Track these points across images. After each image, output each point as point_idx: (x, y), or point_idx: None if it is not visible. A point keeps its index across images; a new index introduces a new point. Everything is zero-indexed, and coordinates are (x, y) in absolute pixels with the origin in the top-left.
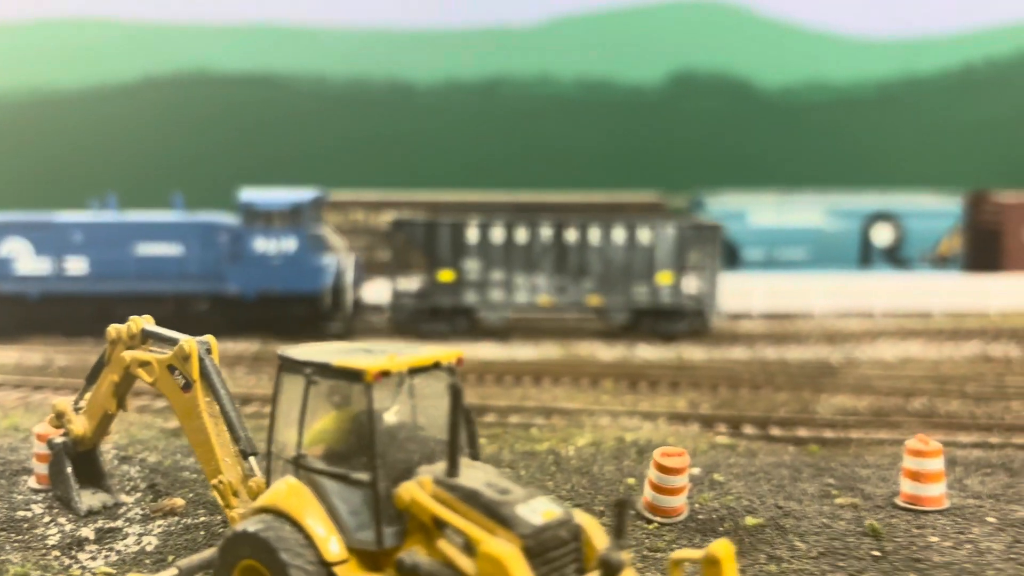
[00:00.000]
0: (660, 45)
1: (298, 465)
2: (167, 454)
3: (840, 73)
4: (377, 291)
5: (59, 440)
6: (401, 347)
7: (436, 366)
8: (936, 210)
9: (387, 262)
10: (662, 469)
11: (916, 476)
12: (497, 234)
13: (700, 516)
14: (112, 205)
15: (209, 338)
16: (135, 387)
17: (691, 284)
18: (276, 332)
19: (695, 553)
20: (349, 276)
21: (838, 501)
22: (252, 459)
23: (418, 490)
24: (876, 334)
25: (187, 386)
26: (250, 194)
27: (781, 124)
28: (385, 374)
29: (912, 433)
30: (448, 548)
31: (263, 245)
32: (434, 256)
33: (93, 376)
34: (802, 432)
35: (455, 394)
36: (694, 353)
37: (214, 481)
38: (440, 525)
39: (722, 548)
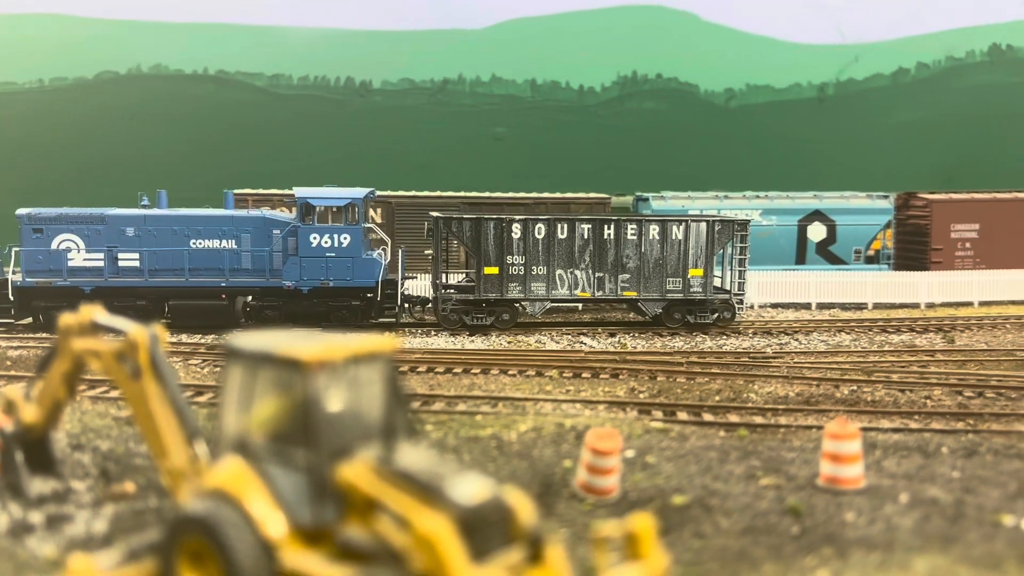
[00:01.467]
0: (608, 49)
1: (242, 449)
2: (119, 441)
3: (780, 77)
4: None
5: (9, 429)
6: (343, 337)
7: (373, 354)
8: (868, 209)
9: (429, 257)
10: (595, 451)
11: (835, 458)
12: (539, 230)
13: (632, 496)
14: (163, 201)
15: (158, 328)
16: (93, 378)
17: (719, 278)
18: (329, 325)
19: (617, 528)
20: (398, 270)
21: (762, 482)
22: (200, 444)
23: (356, 471)
24: (811, 327)
25: (136, 374)
26: (306, 191)
27: (723, 126)
28: (323, 363)
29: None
30: (383, 525)
31: (318, 240)
32: (479, 251)
33: (44, 365)
34: (733, 418)
35: (390, 380)
36: (637, 343)
37: (162, 466)
38: (376, 504)
39: (641, 522)
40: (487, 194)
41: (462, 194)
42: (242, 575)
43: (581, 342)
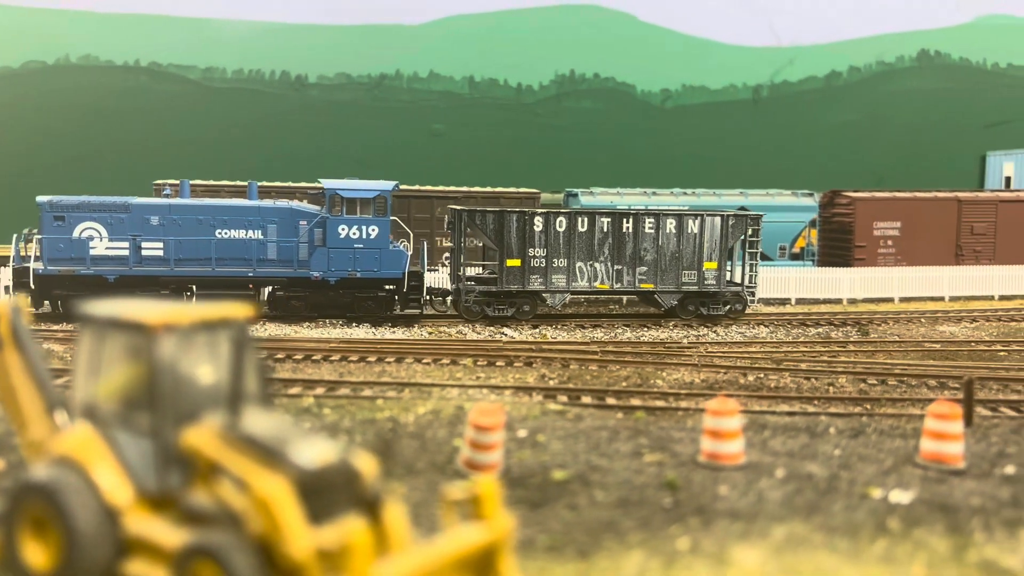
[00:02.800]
0: (546, 48)
1: (91, 415)
2: None
3: (715, 79)
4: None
5: None
6: (203, 304)
7: (224, 321)
8: (793, 207)
9: (450, 249)
10: (478, 427)
11: (715, 434)
12: (560, 224)
13: (515, 472)
14: (185, 191)
15: (19, 298)
16: None
17: (733, 271)
18: (356, 315)
19: (463, 491)
20: (423, 261)
21: (646, 459)
22: (61, 415)
23: (201, 436)
24: (730, 320)
25: None
26: (334, 182)
27: (660, 126)
28: (168, 327)
29: (739, 402)
30: (225, 489)
31: (346, 232)
32: (502, 244)
33: None
34: (635, 401)
35: (241, 347)
36: (557, 334)
37: (23, 438)
38: (219, 468)
39: (485, 485)
40: (416, 187)
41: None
42: (82, 541)
43: (541, 333)
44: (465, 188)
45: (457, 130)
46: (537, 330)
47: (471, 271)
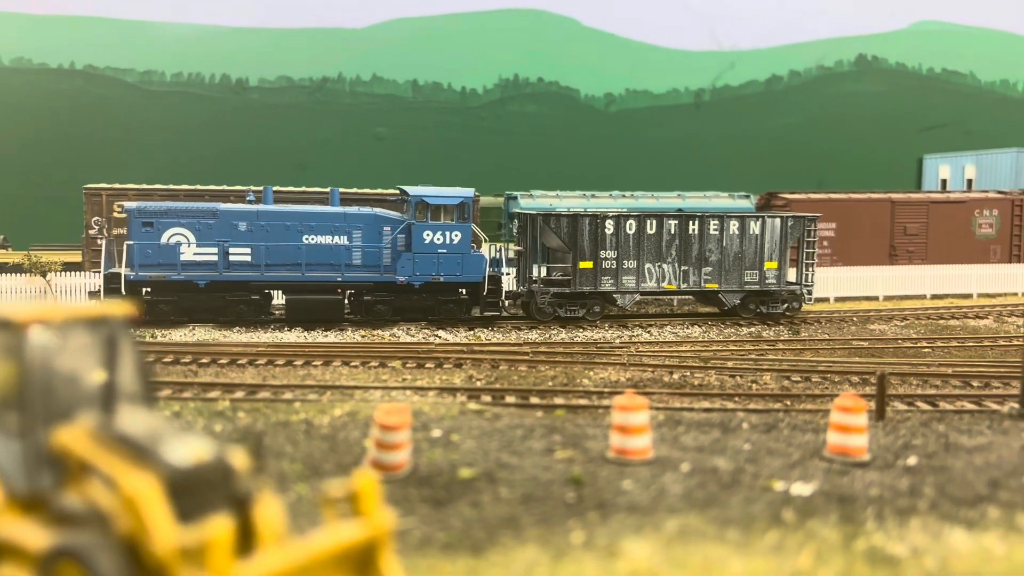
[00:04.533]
0: (490, 51)
1: None
2: None
3: (658, 83)
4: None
5: None
6: (71, 302)
7: (101, 319)
8: (730, 209)
9: (519, 251)
10: (383, 426)
11: (623, 429)
12: (631, 226)
13: (422, 471)
14: (269, 197)
15: None
16: None
17: (790, 270)
18: (438, 318)
19: (342, 488)
20: (501, 265)
21: (557, 456)
22: None
23: (73, 435)
24: (664, 321)
25: None
26: (419, 190)
27: (604, 130)
28: (38, 323)
29: (660, 400)
30: (95, 489)
31: (431, 237)
32: (575, 247)
33: None
34: (558, 400)
35: (118, 345)
36: (492, 336)
37: None
38: (89, 467)
39: (364, 481)
40: (354, 190)
41: (329, 189)
42: None
43: (475, 335)
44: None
45: (401, 133)
46: (472, 332)
47: (540, 273)
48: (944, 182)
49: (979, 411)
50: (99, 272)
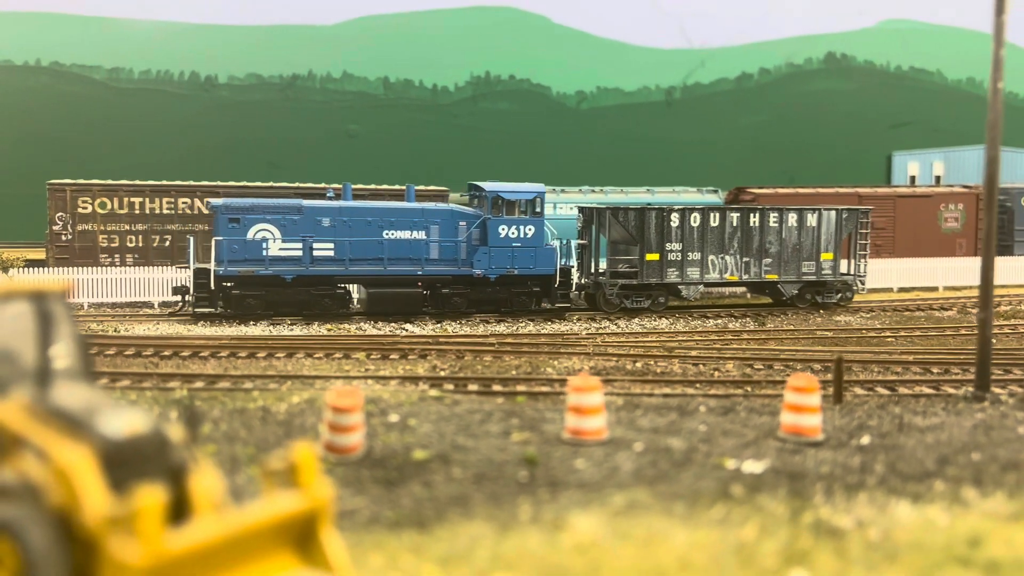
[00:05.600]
0: (461, 49)
1: None
2: None
3: (629, 80)
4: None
5: None
6: (13, 278)
7: (35, 294)
8: (698, 204)
9: (583, 244)
10: (336, 408)
11: (578, 410)
12: (695, 219)
13: (376, 454)
14: (348, 193)
15: None
16: None
17: (845, 261)
18: (511, 309)
19: (279, 462)
20: (572, 258)
21: (514, 438)
22: None
23: (6, 409)
24: (632, 314)
25: None
26: (495, 186)
27: (575, 127)
28: None
29: (622, 387)
30: (27, 462)
31: (506, 231)
32: (643, 239)
33: None
34: (520, 388)
35: (47, 318)
36: (458, 328)
37: None
38: (22, 440)
39: (302, 453)
40: (321, 185)
41: (296, 185)
42: None
43: (442, 327)
44: (373, 186)
45: (373, 131)
46: (440, 325)
47: (602, 266)
48: (913, 178)
49: (937, 395)
50: (186, 267)
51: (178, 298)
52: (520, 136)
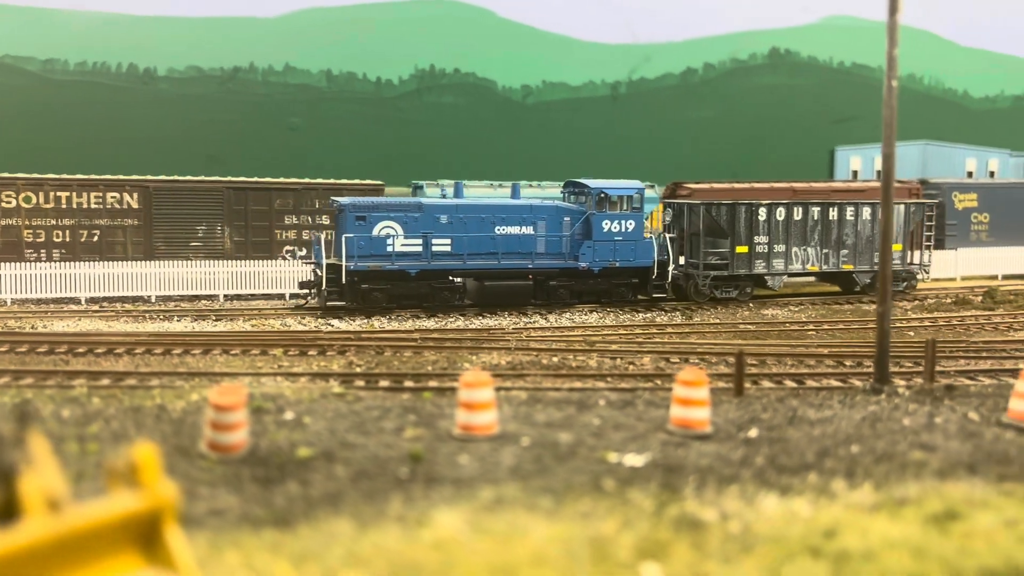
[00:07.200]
0: (405, 42)
1: None
2: None
3: (575, 75)
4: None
5: None
6: None
7: None
8: (555, 198)
9: (672, 238)
10: (217, 406)
11: (469, 406)
12: (780, 213)
13: (261, 452)
14: (460, 191)
15: None
16: None
17: (911, 252)
18: (612, 300)
19: (120, 461)
20: (668, 251)
21: (406, 434)
22: None
23: None
24: (564, 309)
25: None
26: (598, 183)
27: (521, 121)
28: None
29: (534, 381)
30: None
31: (609, 226)
32: (733, 232)
33: None
34: (432, 383)
35: None
36: (383, 323)
37: None
38: None
39: (142, 452)
40: (255, 179)
41: (228, 179)
42: None
43: (369, 323)
44: (307, 180)
45: (315, 124)
46: (368, 320)
47: (687, 258)
48: (855, 173)
49: (840, 387)
50: (310, 262)
51: (305, 291)
52: (466, 130)
